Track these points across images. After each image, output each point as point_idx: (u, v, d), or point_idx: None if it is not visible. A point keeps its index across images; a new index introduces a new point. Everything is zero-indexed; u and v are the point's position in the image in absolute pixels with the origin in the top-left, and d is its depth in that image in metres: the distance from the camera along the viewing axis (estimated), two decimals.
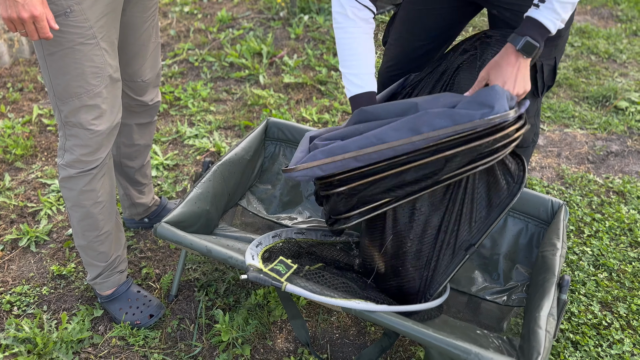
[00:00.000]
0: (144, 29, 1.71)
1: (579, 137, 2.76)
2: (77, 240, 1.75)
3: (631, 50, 3.47)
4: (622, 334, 1.80)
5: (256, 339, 1.77)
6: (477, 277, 1.81)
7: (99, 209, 1.67)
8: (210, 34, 3.65)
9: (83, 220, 1.68)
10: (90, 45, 1.45)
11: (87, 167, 1.61)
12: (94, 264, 1.76)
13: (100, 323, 1.83)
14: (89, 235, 1.71)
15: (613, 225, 2.21)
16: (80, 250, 1.76)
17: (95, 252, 1.73)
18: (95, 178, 1.63)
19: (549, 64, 1.68)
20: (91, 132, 1.55)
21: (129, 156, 1.96)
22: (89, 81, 1.49)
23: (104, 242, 1.72)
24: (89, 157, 1.59)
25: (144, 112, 1.89)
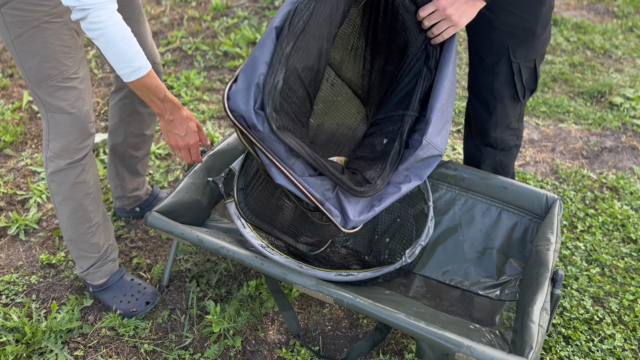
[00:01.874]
0: (134, 6, 1.68)
1: (574, 132, 2.76)
2: (67, 235, 1.72)
3: (627, 46, 3.46)
4: (613, 329, 1.80)
5: (248, 330, 1.76)
6: (470, 271, 1.81)
7: (89, 200, 1.65)
8: (204, 22, 3.61)
9: (74, 214, 1.66)
10: (58, 24, 1.44)
11: (76, 157, 1.58)
12: (87, 255, 1.74)
13: (90, 313, 1.81)
14: (80, 228, 1.68)
15: (606, 221, 2.21)
16: (71, 244, 1.73)
17: (87, 244, 1.71)
18: (86, 169, 1.61)
19: (528, 67, 1.66)
20: (73, 117, 1.53)
21: (135, 146, 1.95)
22: (61, 61, 1.47)
23: (95, 234, 1.70)
24: (77, 145, 1.57)
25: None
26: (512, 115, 1.77)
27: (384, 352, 1.70)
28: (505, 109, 1.74)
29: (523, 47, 1.63)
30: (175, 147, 1.58)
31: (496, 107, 1.74)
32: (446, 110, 1.41)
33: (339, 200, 1.34)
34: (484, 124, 1.80)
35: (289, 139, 1.21)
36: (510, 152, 1.88)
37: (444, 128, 1.41)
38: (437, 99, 1.38)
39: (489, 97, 1.73)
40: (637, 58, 3.36)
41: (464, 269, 1.81)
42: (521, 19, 1.58)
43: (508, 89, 1.69)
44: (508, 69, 1.66)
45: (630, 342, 1.76)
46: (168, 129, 1.54)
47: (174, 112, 1.51)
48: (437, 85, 1.40)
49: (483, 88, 1.74)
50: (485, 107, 1.76)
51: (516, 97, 1.71)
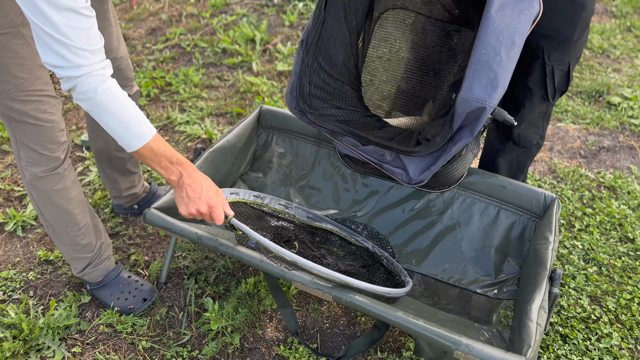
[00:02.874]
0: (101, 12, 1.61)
1: (572, 131, 2.77)
2: (57, 239, 1.69)
3: (625, 46, 3.47)
4: (610, 328, 1.80)
5: (246, 328, 1.76)
6: (468, 270, 1.81)
7: (74, 204, 1.63)
8: (203, 19, 3.60)
9: (61, 219, 1.63)
10: (7, 35, 1.33)
11: (51, 165, 1.53)
12: (80, 257, 1.72)
13: (88, 309, 1.81)
14: (69, 231, 1.66)
15: (604, 220, 2.22)
16: (62, 247, 1.71)
17: (79, 246, 1.70)
18: (65, 174, 1.57)
19: (562, 69, 1.65)
20: (39, 127, 1.45)
21: (118, 147, 1.89)
22: (15, 74, 1.38)
23: (85, 235, 1.69)
24: (49, 153, 1.50)
25: None
26: (538, 114, 1.77)
27: (382, 350, 1.70)
28: (533, 108, 1.74)
29: (558, 51, 1.62)
30: (196, 216, 1.40)
31: (524, 105, 1.74)
32: (490, 61, 1.34)
33: (400, 160, 1.55)
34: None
35: (328, 124, 1.60)
36: (529, 151, 1.88)
37: (490, 79, 1.35)
38: (473, 52, 1.36)
39: (519, 94, 1.73)
40: (635, 58, 3.36)
41: (462, 267, 1.82)
42: (560, 23, 1.57)
43: (539, 89, 1.69)
44: (541, 70, 1.65)
45: (627, 341, 1.77)
46: (183, 195, 1.38)
47: (187, 171, 1.38)
48: (478, 36, 1.36)
49: (514, 85, 1.73)
50: (514, 103, 1.76)
51: (546, 97, 1.70)
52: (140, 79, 2.94)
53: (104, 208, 2.18)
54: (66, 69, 1.18)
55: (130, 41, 3.34)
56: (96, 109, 1.24)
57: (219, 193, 1.43)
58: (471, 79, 1.37)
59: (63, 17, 1.12)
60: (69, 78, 1.20)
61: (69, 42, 1.15)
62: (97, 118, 1.26)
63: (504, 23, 1.35)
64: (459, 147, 1.46)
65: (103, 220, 2.14)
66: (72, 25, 1.13)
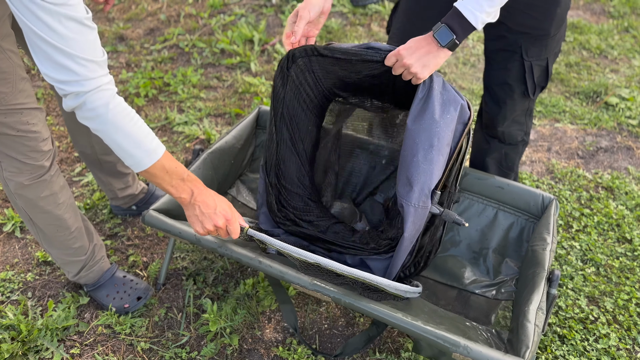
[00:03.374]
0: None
1: (570, 132, 2.77)
2: (48, 246, 1.67)
3: (622, 47, 3.48)
4: (608, 328, 1.81)
5: (244, 329, 1.76)
6: (466, 271, 1.81)
7: (64, 209, 1.60)
8: (201, 20, 3.60)
9: (51, 224, 1.61)
10: None
11: (37, 173, 1.49)
12: (74, 260, 1.72)
13: (87, 310, 1.81)
14: (61, 235, 1.64)
15: (601, 221, 2.23)
16: (55, 253, 1.69)
17: (71, 249, 1.68)
18: (52, 181, 1.54)
19: (540, 65, 1.67)
20: (21, 138, 1.42)
21: (105, 150, 1.86)
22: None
23: (77, 238, 1.67)
24: (33, 162, 1.46)
25: None
26: (520, 110, 1.78)
27: (380, 351, 1.71)
28: (514, 104, 1.76)
29: (536, 46, 1.63)
30: (214, 231, 1.37)
31: (505, 102, 1.75)
32: (408, 162, 1.43)
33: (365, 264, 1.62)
34: (493, 117, 1.82)
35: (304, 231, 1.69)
36: (516, 147, 1.90)
37: (408, 178, 1.43)
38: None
39: (499, 91, 1.75)
40: (633, 58, 3.37)
41: (460, 268, 1.82)
42: (535, 19, 1.58)
43: (519, 85, 1.70)
44: (520, 66, 1.66)
45: (625, 342, 1.77)
46: (197, 213, 1.33)
47: (198, 187, 1.33)
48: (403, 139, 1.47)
49: (494, 83, 1.75)
50: (495, 101, 1.77)
51: (526, 93, 1.72)
52: (138, 79, 2.93)
53: (102, 209, 2.18)
54: (73, 83, 1.11)
55: (129, 41, 3.34)
56: (106, 127, 1.17)
57: (232, 206, 1.40)
58: (398, 177, 1.47)
59: (67, 28, 1.06)
60: (77, 94, 1.13)
61: (74, 53, 1.08)
62: (106, 136, 1.19)
63: (421, 127, 1.40)
64: (409, 242, 1.48)
65: (101, 221, 2.13)
66: (76, 36, 1.07)
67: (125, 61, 3.16)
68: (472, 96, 2.97)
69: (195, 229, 1.35)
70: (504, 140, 1.86)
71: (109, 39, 3.35)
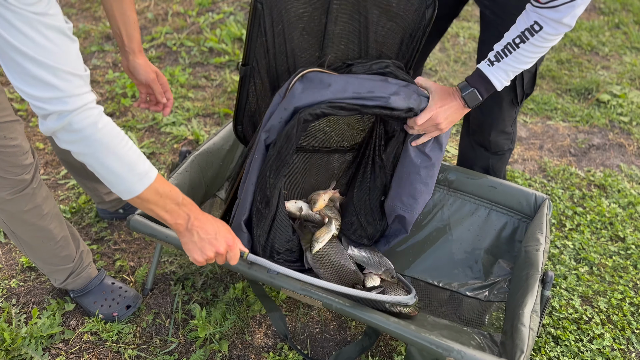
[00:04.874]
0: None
1: (562, 129, 2.76)
2: (33, 257, 1.62)
3: (613, 43, 3.47)
4: (602, 328, 1.79)
5: (234, 334, 1.72)
6: (458, 272, 1.79)
7: (48, 220, 1.55)
8: (189, 18, 3.55)
9: (36, 236, 1.55)
10: None
11: (18, 187, 1.42)
12: (60, 268, 1.67)
13: (72, 317, 1.77)
14: (47, 245, 1.58)
15: (594, 219, 2.21)
16: (41, 262, 1.64)
17: (57, 258, 1.64)
18: (35, 193, 1.47)
19: (530, 71, 1.64)
20: (3, 154, 1.34)
21: None
22: None
23: (64, 247, 1.63)
24: (13, 177, 1.39)
25: None
26: (508, 120, 1.76)
27: (372, 355, 1.68)
28: (502, 113, 1.72)
29: None
30: (210, 260, 1.25)
31: (493, 110, 1.72)
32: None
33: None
34: (480, 125, 1.79)
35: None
36: (503, 157, 1.87)
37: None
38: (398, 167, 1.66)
39: (487, 100, 1.71)
40: (624, 55, 3.36)
41: (452, 270, 1.79)
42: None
43: (508, 93, 1.67)
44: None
45: (619, 342, 1.76)
46: (195, 240, 1.21)
47: (194, 212, 1.20)
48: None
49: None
50: (482, 109, 1.74)
51: (515, 101, 1.69)
52: (125, 79, 2.88)
53: (88, 212, 2.14)
54: (56, 101, 0.97)
55: (114, 41, 3.28)
56: (95, 150, 1.04)
57: (231, 230, 1.28)
58: (396, 192, 1.63)
59: (47, 38, 0.93)
60: (60, 113, 0.99)
61: (57, 65, 0.95)
62: (95, 160, 1.06)
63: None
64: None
65: (88, 225, 2.09)
66: (58, 47, 0.95)
67: (112, 61, 3.11)
68: None
69: (193, 257, 1.22)
70: (490, 149, 1.83)
71: (95, 38, 3.30)
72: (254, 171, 1.41)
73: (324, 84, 1.36)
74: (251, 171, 1.42)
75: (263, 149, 1.39)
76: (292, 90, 1.37)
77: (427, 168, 1.56)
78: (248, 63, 1.46)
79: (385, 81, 1.44)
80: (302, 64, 1.53)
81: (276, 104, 1.40)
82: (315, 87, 1.35)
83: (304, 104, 1.35)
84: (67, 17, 3.47)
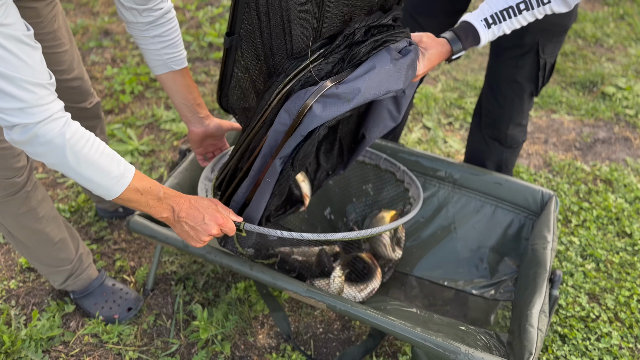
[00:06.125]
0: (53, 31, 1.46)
1: (566, 123, 2.72)
2: (31, 258, 1.59)
3: (618, 35, 3.42)
4: (609, 326, 1.77)
5: (237, 335, 1.70)
6: (463, 271, 1.76)
7: (45, 223, 1.51)
8: (188, 12, 3.50)
9: (32, 238, 1.52)
10: None
11: (10, 190, 1.38)
12: (59, 270, 1.64)
13: (72, 319, 1.74)
14: (44, 247, 1.56)
15: (600, 215, 2.18)
16: (39, 264, 1.62)
17: (56, 260, 1.61)
18: (29, 196, 1.44)
19: (551, 62, 1.60)
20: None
21: None
22: None
23: (62, 249, 1.60)
24: (4, 179, 1.36)
25: (85, 118, 1.72)
26: (526, 111, 1.72)
27: (377, 355, 1.65)
28: (522, 105, 1.68)
29: (553, 43, 1.56)
30: (209, 240, 1.24)
31: (514, 102, 1.68)
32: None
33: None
34: (496, 119, 1.75)
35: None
36: (517, 150, 1.84)
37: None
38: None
39: (507, 90, 1.67)
40: (629, 47, 3.32)
41: (458, 268, 1.77)
42: (556, 15, 1.50)
43: (529, 84, 1.63)
44: (534, 63, 1.59)
45: (627, 340, 1.73)
46: (187, 229, 1.20)
47: (178, 202, 1.19)
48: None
49: (502, 81, 1.67)
50: (501, 100, 1.69)
51: (535, 92, 1.65)
52: (123, 75, 2.85)
53: (87, 211, 2.11)
54: (18, 113, 0.93)
55: (114, 36, 3.24)
56: (66, 160, 1.00)
57: (217, 203, 1.25)
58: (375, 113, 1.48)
59: (4, 48, 0.89)
60: (25, 126, 0.94)
61: (17, 75, 0.90)
62: (68, 170, 1.02)
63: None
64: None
65: (87, 224, 2.06)
66: (16, 57, 0.90)
67: (111, 56, 3.07)
68: (467, 88, 2.90)
69: (191, 244, 1.23)
70: (505, 142, 1.79)
71: (93, 34, 3.26)
72: (266, 192, 1.34)
73: (343, 100, 1.24)
74: (263, 192, 1.34)
75: (277, 174, 1.31)
76: (309, 114, 1.24)
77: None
78: (234, 32, 1.28)
79: (396, 67, 1.29)
80: (296, 23, 1.31)
81: (284, 123, 1.28)
82: (335, 104, 1.24)
83: (322, 123, 1.26)
84: (65, 12, 3.43)
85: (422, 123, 2.65)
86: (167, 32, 1.37)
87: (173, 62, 1.41)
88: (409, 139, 2.52)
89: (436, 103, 2.79)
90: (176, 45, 1.41)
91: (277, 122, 1.27)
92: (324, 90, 1.23)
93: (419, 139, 2.54)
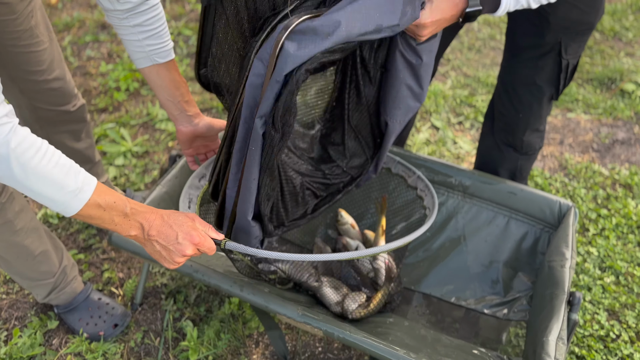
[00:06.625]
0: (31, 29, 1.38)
1: (583, 122, 2.57)
2: (10, 272, 1.49)
3: (637, 28, 3.25)
4: (631, 347, 1.64)
5: (229, 356, 1.59)
6: (474, 287, 1.63)
7: (22, 235, 1.41)
8: (188, 5, 3.38)
9: (9, 251, 1.42)
10: None
11: None
12: (41, 284, 1.54)
13: (55, 336, 1.64)
14: (24, 261, 1.46)
15: (620, 222, 2.04)
16: (19, 278, 1.52)
17: (37, 273, 1.51)
18: (4, 209, 1.33)
19: (573, 63, 1.47)
20: None
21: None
22: None
23: (43, 262, 1.49)
24: None
25: (69, 121, 1.64)
26: (545, 116, 1.58)
27: None
28: (541, 110, 1.55)
29: (576, 42, 1.42)
30: (182, 262, 1.10)
31: (532, 106, 1.54)
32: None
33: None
34: (512, 124, 1.61)
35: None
36: (532, 157, 1.70)
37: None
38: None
39: (524, 93, 1.53)
40: None
41: (468, 284, 1.64)
42: (581, 11, 1.37)
43: (549, 87, 1.49)
44: (555, 64, 1.45)
45: None
46: (158, 249, 1.07)
47: (148, 219, 1.05)
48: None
49: (519, 83, 1.54)
50: (517, 104, 1.56)
51: (555, 96, 1.51)
52: (119, 72, 2.73)
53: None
54: None
55: (111, 30, 3.12)
56: (12, 173, 0.88)
57: (195, 219, 1.10)
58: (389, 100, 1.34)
59: None
60: None
61: None
62: (17, 184, 0.90)
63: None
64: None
65: (76, 232, 1.96)
66: None
67: (107, 51, 2.95)
68: (478, 84, 2.76)
69: (164, 265, 1.10)
70: (521, 149, 1.66)
71: (90, 28, 3.14)
72: (253, 166, 1.19)
73: (321, 35, 1.04)
74: (249, 166, 1.20)
75: (260, 139, 1.12)
76: (282, 55, 1.04)
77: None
78: None
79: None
80: None
81: (259, 74, 1.09)
82: (313, 41, 1.04)
83: (299, 64, 1.05)
84: (62, 5, 3.30)
85: (431, 122, 2.52)
86: (148, 21, 1.25)
87: (156, 54, 1.29)
88: (416, 139, 2.39)
89: (445, 101, 2.65)
90: (160, 35, 1.28)
91: (252, 74, 1.08)
92: (295, 23, 1.04)
93: (427, 139, 2.41)
